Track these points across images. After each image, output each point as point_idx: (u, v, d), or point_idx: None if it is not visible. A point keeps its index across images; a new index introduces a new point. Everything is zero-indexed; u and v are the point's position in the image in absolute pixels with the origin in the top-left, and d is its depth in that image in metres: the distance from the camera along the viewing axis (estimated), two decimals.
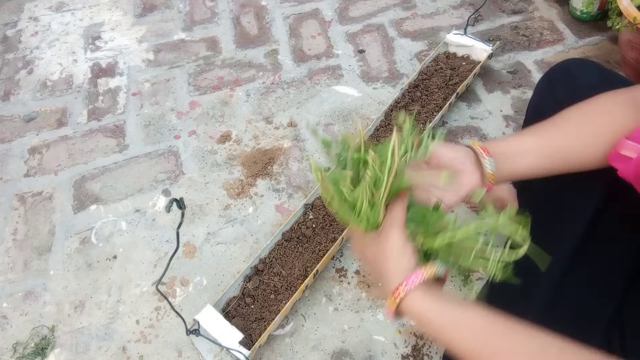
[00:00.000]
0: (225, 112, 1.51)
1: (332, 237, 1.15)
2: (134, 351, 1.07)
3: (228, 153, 1.41)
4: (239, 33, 1.76)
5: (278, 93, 1.55)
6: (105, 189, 1.35)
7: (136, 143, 1.45)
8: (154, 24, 1.81)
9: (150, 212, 1.29)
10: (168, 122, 1.49)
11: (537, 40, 1.63)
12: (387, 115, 1.38)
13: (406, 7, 1.80)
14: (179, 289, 1.15)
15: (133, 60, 1.69)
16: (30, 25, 1.84)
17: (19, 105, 1.57)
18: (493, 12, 1.75)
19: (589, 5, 1.60)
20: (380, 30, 1.72)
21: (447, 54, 1.54)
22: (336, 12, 1.80)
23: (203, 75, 1.62)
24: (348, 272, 1.16)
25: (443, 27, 1.71)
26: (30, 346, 1.08)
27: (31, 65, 1.69)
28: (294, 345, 1.06)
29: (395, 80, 1.56)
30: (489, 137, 1.39)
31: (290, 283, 1.09)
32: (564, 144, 0.67)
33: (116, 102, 1.56)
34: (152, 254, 1.22)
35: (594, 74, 0.80)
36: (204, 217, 1.27)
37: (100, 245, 1.24)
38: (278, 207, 1.28)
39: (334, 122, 1.46)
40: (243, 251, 1.21)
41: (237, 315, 1.06)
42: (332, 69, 1.61)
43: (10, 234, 1.27)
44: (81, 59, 1.70)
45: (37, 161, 1.42)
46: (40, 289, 1.17)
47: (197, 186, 1.34)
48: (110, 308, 1.13)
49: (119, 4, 1.89)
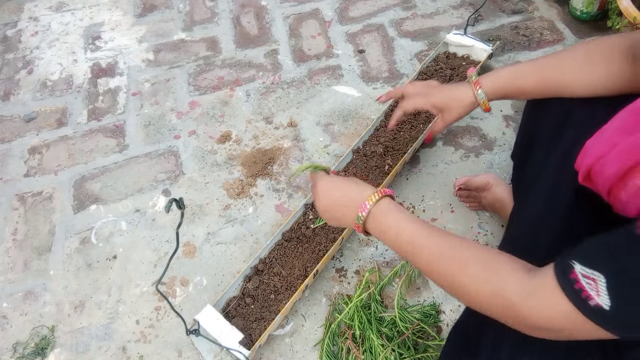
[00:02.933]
0: (225, 112, 1.51)
1: (332, 237, 1.15)
2: (134, 351, 1.07)
3: (228, 153, 1.41)
4: (239, 33, 1.76)
5: (278, 93, 1.55)
6: (105, 189, 1.35)
7: (136, 143, 1.45)
8: (154, 24, 1.81)
9: (150, 212, 1.29)
10: (168, 122, 1.49)
11: (537, 40, 1.63)
12: (387, 116, 1.38)
13: (406, 7, 1.80)
14: (179, 289, 1.15)
15: (133, 60, 1.69)
16: (30, 25, 1.84)
17: (19, 105, 1.57)
18: (493, 12, 1.75)
19: (589, 5, 1.60)
20: (380, 30, 1.72)
21: (447, 54, 1.54)
22: (336, 12, 1.80)
23: (203, 75, 1.62)
24: (348, 272, 1.16)
25: (443, 27, 1.71)
26: (30, 346, 1.08)
27: (31, 65, 1.69)
28: (294, 345, 1.06)
29: (395, 80, 1.56)
30: (489, 137, 1.39)
31: (290, 283, 1.09)
32: (563, 78, 0.79)
33: (116, 102, 1.56)
34: (152, 254, 1.22)
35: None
36: (204, 217, 1.27)
37: (100, 245, 1.24)
38: (278, 207, 1.28)
39: (334, 122, 1.46)
40: (243, 251, 1.21)
41: (237, 315, 1.06)
42: (332, 69, 1.61)
43: (10, 234, 1.27)
44: (81, 59, 1.71)
45: (37, 161, 1.42)
46: (40, 289, 1.17)
47: (197, 186, 1.34)
48: (110, 308, 1.13)
49: (119, 4, 1.89)
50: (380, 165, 1.28)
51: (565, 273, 0.53)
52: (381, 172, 1.26)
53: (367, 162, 1.29)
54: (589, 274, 0.51)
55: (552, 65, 0.82)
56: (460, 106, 0.92)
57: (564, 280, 0.53)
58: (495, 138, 1.38)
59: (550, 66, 0.82)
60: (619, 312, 0.49)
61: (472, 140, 1.39)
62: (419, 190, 1.29)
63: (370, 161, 1.29)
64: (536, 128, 0.87)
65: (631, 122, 0.58)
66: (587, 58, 0.78)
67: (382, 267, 1.16)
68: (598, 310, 0.50)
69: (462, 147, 1.37)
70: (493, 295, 0.60)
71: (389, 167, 1.27)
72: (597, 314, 0.51)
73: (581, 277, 0.52)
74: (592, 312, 0.51)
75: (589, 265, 0.52)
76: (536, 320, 0.56)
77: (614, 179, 0.59)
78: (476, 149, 1.37)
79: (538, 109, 0.87)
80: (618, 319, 0.50)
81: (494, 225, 1.21)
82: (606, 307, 0.49)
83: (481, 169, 1.32)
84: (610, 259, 0.51)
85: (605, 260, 0.51)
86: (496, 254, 0.63)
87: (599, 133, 0.62)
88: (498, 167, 1.32)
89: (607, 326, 0.51)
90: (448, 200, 1.26)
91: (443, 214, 1.24)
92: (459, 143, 1.38)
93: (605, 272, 0.50)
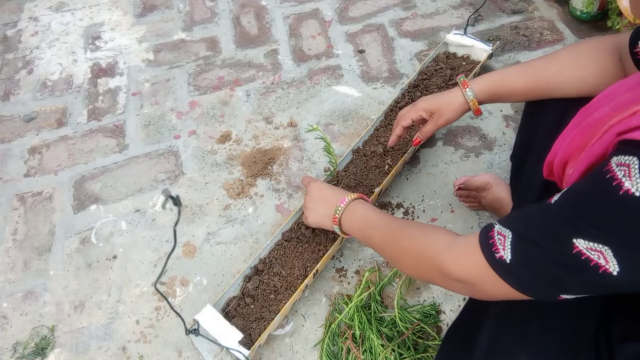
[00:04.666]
0: (225, 112, 1.51)
1: (332, 237, 1.15)
2: (134, 351, 1.07)
3: (228, 153, 1.41)
4: (239, 33, 1.76)
5: (278, 93, 1.55)
6: (105, 189, 1.35)
7: (136, 143, 1.45)
8: (154, 24, 1.81)
9: (150, 212, 1.29)
10: (168, 122, 1.49)
11: (537, 40, 1.63)
12: (387, 116, 1.38)
13: (406, 7, 1.80)
14: (179, 289, 1.15)
15: (133, 60, 1.69)
16: (30, 25, 1.84)
17: (19, 105, 1.58)
18: (493, 12, 1.75)
19: (589, 5, 1.60)
20: (380, 30, 1.72)
21: (447, 54, 1.54)
22: (336, 12, 1.80)
23: (203, 75, 1.62)
24: (348, 272, 1.16)
25: (443, 27, 1.71)
26: (30, 346, 1.09)
27: (31, 65, 1.69)
28: (294, 345, 1.06)
29: (395, 80, 1.56)
30: (489, 137, 1.39)
31: (290, 283, 1.09)
32: (551, 82, 0.82)
33: (116, 102, 1.56)
34: (152, 254, 1.22)
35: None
36: (204, 217, 1.27)
37: (100, 245, 1.24)
38: (278, 207, 1.28)
39: (334, 122, 1.46)
40: (243, 251, 1.21)
41: (237, 315, 1.06)
42: (332, 69, 1.61)
43: (10, 234, 1.27)
44: (81, 59, 1.71)
45: (37, 161, 1.42)
46: (40, 289, 1.17)
47: (197, 186, 1.34)
48: (110, 308, 1.14)
49: (119, 4, 1.90)
50: (380, 165, 1.28)
51: (486, 231, 0.61)
52: (381, 172, 1.26)
53: (367, 162, 1.29)
54: (502, 231, 0.58)
55: (540, 67, 0.84)
56: (450, 108, 0.94)
57: (483, 236, 0.61)
58: (495, 138, 1.38)
59: (538, 67, 0.84)
60: (517, 266, 0.56)
61: (472, 140, 1.39)
62: (419, 190, 1.29)
63: (370, 161, 1.29)
64: (534, 129, 0.87)
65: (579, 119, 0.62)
66: (574, 58, 0.80)
67: (382, 267, 1.16)
68: (501, 262, 0.57)
69: (462, 147, 1.37)
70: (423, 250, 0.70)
71: (389, 167, 1.27)
72: (499, 265, 0.57)
73: (496, 234, 0.59)
74: (496, 263, 0.58)
75: (504, 224, 0.59)
76: (454, 271, 0.64)
77: (559, 170, 0.65)
78: (476, 149, 1.37)
79: (536, 110, 0.88)
80: (516, 273, 0.56)
81: None
82: (507, 260, 0.56)
83: (481, 169, 1.32)
84: (520, 220, 0.58)
85: (517, 220, 0.58)
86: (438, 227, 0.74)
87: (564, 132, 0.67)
88: (498, 167, 1.32)
89: (507, 279, 0.57)
90: (448, 200, 1.26)
91: (443, 214, 1.24)
92: (459, 143, 1.38)
93: (512, 230, 0.57)
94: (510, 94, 0.88)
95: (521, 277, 0.56)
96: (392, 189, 1.29)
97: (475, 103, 0.92)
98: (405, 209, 1.26)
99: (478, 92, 0.91)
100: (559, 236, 0.51)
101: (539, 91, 0.84)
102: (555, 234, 0.52)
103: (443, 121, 0.96)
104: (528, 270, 0.55)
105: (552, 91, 0.82)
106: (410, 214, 1.25)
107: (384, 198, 1.28)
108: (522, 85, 0.85)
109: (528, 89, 0.85)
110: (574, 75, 0.79)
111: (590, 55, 0.78)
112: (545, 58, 0.85)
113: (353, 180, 1.25)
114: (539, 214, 0.55)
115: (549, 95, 0.83)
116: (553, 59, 0.83)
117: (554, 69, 0.82)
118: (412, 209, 1.25)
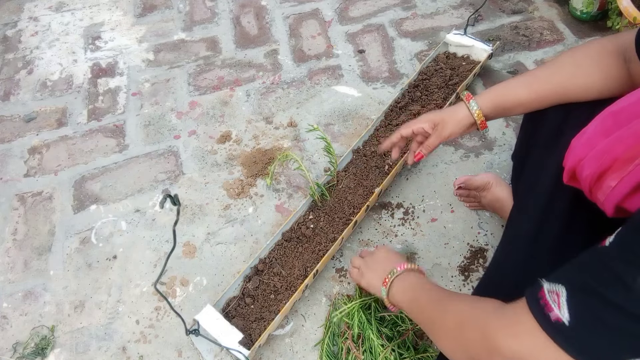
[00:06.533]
0: (225, 112, 1.51)
1: (332, 237, 1.15)
2: (134, 351, 1.07)
3: (228, 153, 1.41)
4: (239, 33, 1.76)
5: (278, 93, 1.55)
6: (105, 189, 1.35)
7: (136, 143, 1.45)
8: (154, 24, 1.81)
9: (150, 212, 1.29)
10: (168, 122, 1.49)
11: (537, 40, 1.63)
12: (387, 116, 1.38)
13: (406, 7, 1.80)
14: (179, 289, 1.15)
15: (133, 60, 1.69)
16: (30, 25, 1.84)
17: (19, 105, 1.57)
18: (493, 12, 1.75)
19: (589, 5, 1.60)
20: (380, 30, 1.72)
21: (447, 54, 1.54)
22: (336, 12, 1.80)
23: (203, 75, 1.62)
24: (348, 272, 1.16)
25: (443, 27, 1.71)
26: (30, 346, 1.09)
27: (31, 65, 1.69)
28: (294, 345, 1.06)
29: (395, 80, 1.56)
30: (489, 137, 1.39)
31: (290, 283, 1.09)
32: (556, 91, 0.80)
33: (116, 102, 1.56)
34: (152, 254, 1.22)
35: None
36: (204, 217, 1.27)
37: (100, 245, 1.24)
38: (278, 207, 1.28)
39: (334, 122, 1.46)
40: (243, 251, 1.21)
41: (237, 315, 1.06)
42: (332, 69, 1.61)
43: (10, 234, 1.27)
44: (81, 59, 1.71)
45: (37, 161, 1.42)
46: (40, 289, 1.17)
47: (197, 186, 1.34)
48: (110, 308, 1.13)
49: (119, 4, 1.89)
50: (380, 165, 1.28)
51: (534, 292, 0.52)
52: (381, 172, 1.26)
53: (367, 162, 1.29)
54: (554, 288, 0.50)
55: (543, 76, 0.82)
56: (454, 121, 0.91)
57: (531, 298, 0.52)
58: (495, 138, 1.39)
59: (542, 77, 0.82)
60: (578, 329, 0.47)
61: (472, 140, 1.39)
62: (419, 190, 1.29)
63: (370, 161, 1.29)
64: (536, 130, 0.87)
65: (608, 125, 0.59)
66: (577, 66, 0.78)
67: None
68: (557, 326, 0.48)
69: (462, 147, 1.37)
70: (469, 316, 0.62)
71: (389, 167, 1.27)
72: (557, 330, 0.48)
73: (547, 293, 0.51)
74: (552, 328, 0.49)
75: (554, 280, 0.51)
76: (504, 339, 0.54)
77: (592, 180, 0.60)
78: (476, 149, 1.37)
79: (538, 111, 0.87)
80: (577, 339, 0.47)
81: (494, 225, 1.21)
82: (566, 322, 0.47)
83: (481, 169, 1.32)
84: (573, 272, 0.50)
85: (569, 273, 0.51)
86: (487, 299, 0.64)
87: (582, 133, 0.64)
88: (498, 167, 1.32)
89: (566, 345, 0.48)
90: (448, 200, 1.26)
91: (443, 214, 1.24)
92: (459, 143, 1.38)
93: (566, 283, 0.49)
94: (515, 105, 0.86)
95: (583, 340, 0.47)
96: (392, 189, 1.29)
97: (480, 115, 0.89)
98: (405, 209, 1.26)
99: (482, 104, 0.88)
100: (625, 281, 0.44)
101: (544, 100, 0.82)
102: (620, 279, 0.45)
103: (447, 133, 0.92)
104: (592, 331, 0.47)
105: (557, 100, 0.81)
106: (410, 214, 1.25)
107: (384, 198, 1.28)
108: (526, 96, 0.84)
109: (533, 99, 0.83)
110: (578, 83, 0.78)
111: (592, 60, 0.77)
112: (547, 67, 0.83)
113: (353, 181, 1.25)
114: (595, 260, 0.49)
115: (554, 104, 0.82)
116: (556, 67, 0.82)
117: (557, 78, 0.80)
118: (412, 209, 1.25)
